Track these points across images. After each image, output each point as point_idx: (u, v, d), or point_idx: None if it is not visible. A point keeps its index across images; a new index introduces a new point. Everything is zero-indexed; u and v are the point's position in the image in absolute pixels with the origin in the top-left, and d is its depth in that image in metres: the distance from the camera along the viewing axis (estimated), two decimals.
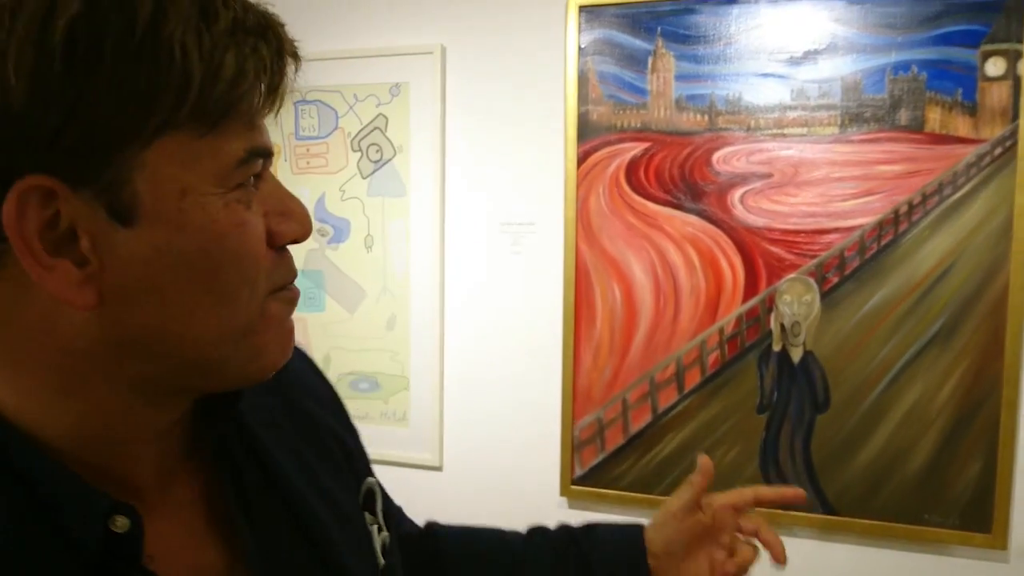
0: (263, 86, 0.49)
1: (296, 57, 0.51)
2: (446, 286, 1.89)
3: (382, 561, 0.69)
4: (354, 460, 0.74)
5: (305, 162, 1.98)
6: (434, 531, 0.92)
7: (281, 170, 1.99)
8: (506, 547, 0.93)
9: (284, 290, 0.55)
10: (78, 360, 0.49)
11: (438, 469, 1.90)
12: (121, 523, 0.49)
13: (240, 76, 0.47)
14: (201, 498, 0.59)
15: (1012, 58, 1.46)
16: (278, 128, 1.98)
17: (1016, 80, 1.46)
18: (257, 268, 0.51)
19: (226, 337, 0.51)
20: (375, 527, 0.71)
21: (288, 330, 0.56)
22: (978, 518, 1.53)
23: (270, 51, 0.49)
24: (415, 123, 1.88)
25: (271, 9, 0.51)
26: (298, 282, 0.58)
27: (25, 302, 0.48)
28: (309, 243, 1.98)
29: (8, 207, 0.44)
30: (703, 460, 0.94)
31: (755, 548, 0.90)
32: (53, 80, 0.42)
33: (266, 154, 0.52)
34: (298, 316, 2.06)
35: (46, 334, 0.48)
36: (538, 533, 0.94)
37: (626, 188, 1.69)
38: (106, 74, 0.43)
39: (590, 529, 0.93)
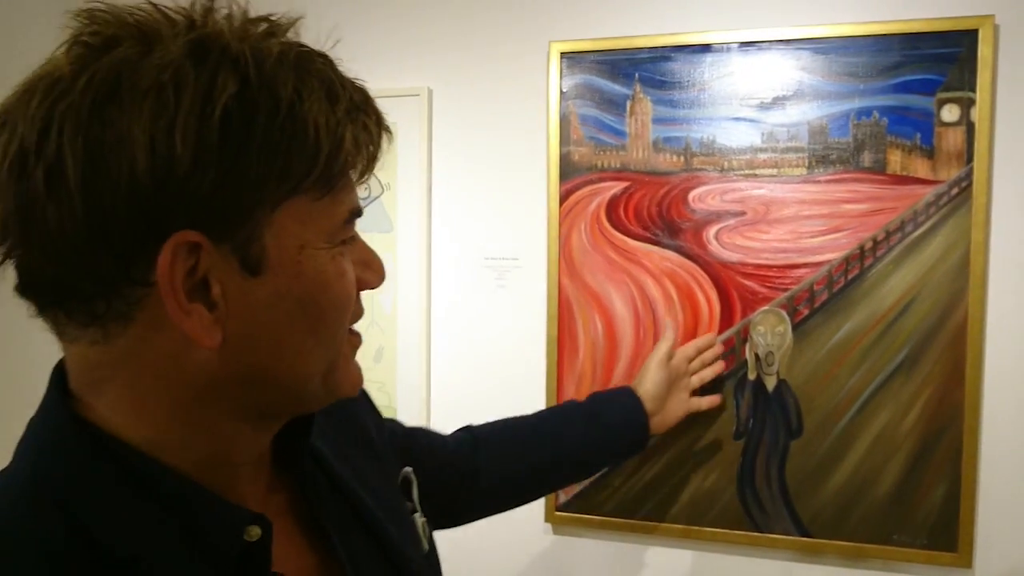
0: (367, 157, 0.58)
1: (389, 132, 0.61)
2: (432, 319, 1.95)
3: (425, 546, 0.77)
4: (390, 452, 0.82)
5: None
6: (475, 432, 1.17)
7: None
8: (541, 423, 1.25)
9: (352, 334, 0.64)
10: (199, 393, 0.56)
11: None
12: (254, 532, 0.56)
13: (355, 149, 0.56)
14: (289, 508, 0.67)
15: (965, 105, 1.56)
16: None
17: (970, 126, 1.56)
18: (349, 311, 0.61)
19: (317, 372, 0.60)
20: (415, 513, 0.79)
21: (355, 369, 0.65)
22: (944, 538, 1.60)
23: (374, 126, 0.58)
24: (402, 162, 1.94)
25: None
26: None
27: (156, 343, 0.54)
28: None
29: (164, 257, 0.51)
30: (670, 325, 1.45)
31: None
32: (211, 149, 0.49)
33: (360, 214, 0.61)
34: None
35: (173, 371, 0.55)
36: (557, 410, 1.34)
37: (607, 225, 1.77)
38: (254, 146, 0.51)
39: (595, 399, 1.35)
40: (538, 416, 1.22)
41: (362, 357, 2.18)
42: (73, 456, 0.54)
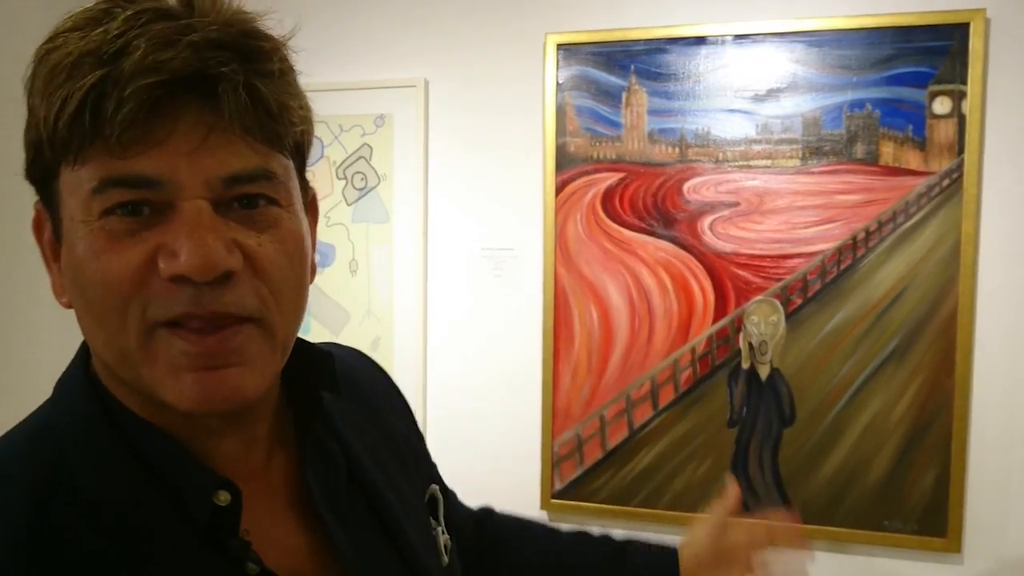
0: (101, 113, 0.49)
1: (165, 71, 0.49)
2: (429, 308, 1.96)
3: (445, 559, 0.76)
4: (421, 465, 0.81)
5: None
6: (492, 517, 1.02)
7: None
8: (557, 539, 1.01)
9: (177, 326, 0.52)
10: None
11: None
12: (223, 498, 0.56)
13: (74, 111, 0.49)
14: (293, 487, 0.65)
15: (957, 98, 1.58)
16: None
17: (961, 118, 1.58)
18: (120, 297, 0.51)
19: (118, 361, 0.54)
20: (439, 529, 0.77)
21: (186, 373, 0.53)
22: (934, 524, 1.63)
23: (119, 73, 0.49)
24: (399, 153, 1.95)
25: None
26: None
27: None
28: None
29: (34, 216, 0.59)
30: (731, 484, 1.04)
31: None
32: (27, 130, 0.54)
33: (132, 183, 0.50)
34: None
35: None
36: (585, 535, 1.03)
37: (602, 215, 1.79)
38: (30, 121, 0.54)
39: (630, 541, 1.00)
40: (559, 536, 1.02)
41: (359, 347, 2.17)
42: (76, 408, 0.58)
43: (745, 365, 1.72)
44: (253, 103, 0.52)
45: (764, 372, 1.71)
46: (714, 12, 1.72)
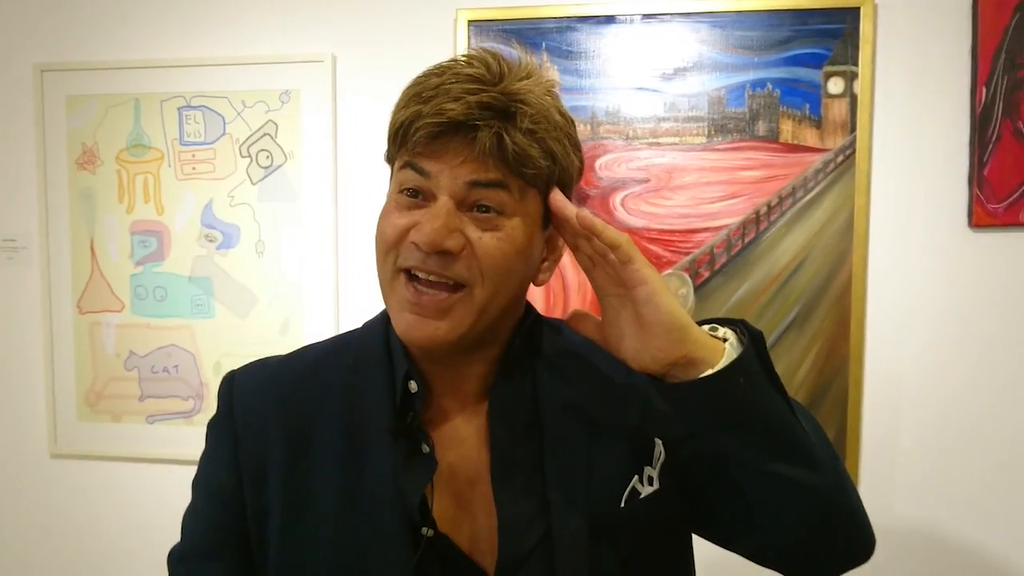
0: (413, 136, 0.75)
1: (457, 121, 0.74)
2: (340, 289, 1.93)
3: (622, 504, 0.84)
4: (651, 418, 0.86)
5: (191, 168, 1.96)
6: None
7: (165, 175, 1.96)
8: None
9: (412, 278, 0.78)
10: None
11: None
12: (413, 386, 0.84)
13: (400, 129, 0.77)
14: (485, 420, 0.85)
15: (849, 78, 1.68)
16: (161, 133, 1.95)
17: (853, 98, 1.68)
18: (386, 245, 0.79)
19: (381, 288, 0.83)
20: (647, 479, 0.85)
21: (405, 319, 0.79)
22: None
23: (428, 110, 0.74)
24: (306, 130, 1.91)
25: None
26: (184, 289, 0.67)
27: None
28: (197, 249, 1.97)
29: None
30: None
31: None
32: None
33: (418, 170, 0.77)
34: (184, 323, 2.03)
35: None
36: None
37: None
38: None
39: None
40: None
41: (267, 329, 2.12)
42: (370, 325, 0.92)
43: None
44: (499, 145, 0.74)
45: None
46: None
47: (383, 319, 0.89)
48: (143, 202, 1.98)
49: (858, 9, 1.65)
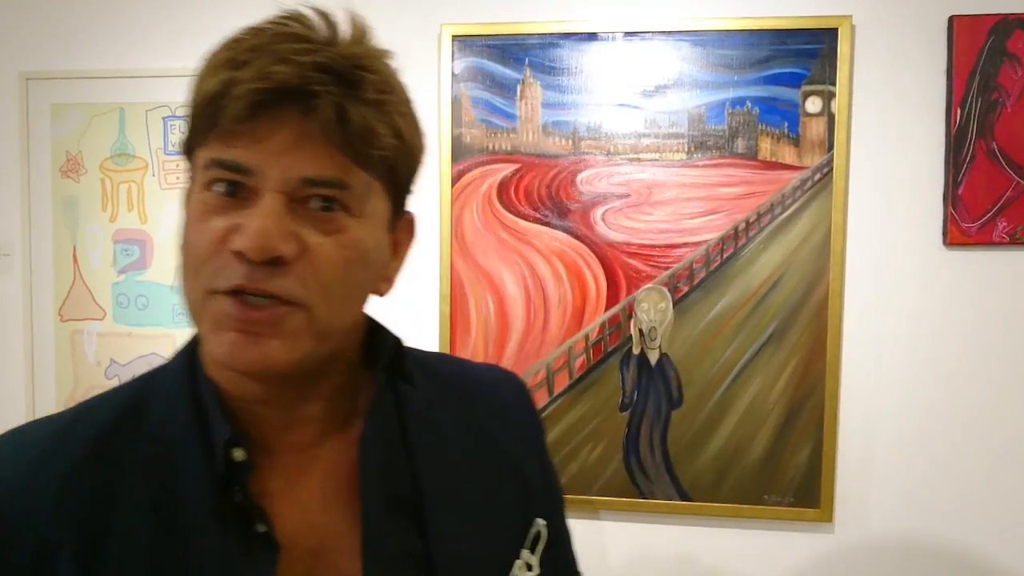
0: (225, 105, 0.58)
1: (278, 83, 0.59)
2: None
3: None
4: (532, 497, 0.77)
5: (175, 177, 1.96)
6: None
7: (149, 185, 1.97)
8: None
9: (232, 295, 0.60)
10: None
11: None
12: (238, 454, 0.63)
13: (212, 97, 0.59)
14: (344, 471, 0.69)
15: (827, 98, 1.70)
16: (146, 143, 1.96)
17: (830, 117, 1.70)
18: (198, 259, 0.61)
19: (190, 310, 0.64)
20: (525, 565, 0.74)
21: (221, 340, 0.60)
22: (808, 496, 1.75)
23: (246, 76, 0.59)
24: None
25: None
26: (166, 298, 0.61)
27: None
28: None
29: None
30: None
31: None
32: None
33: (230, 167, 0.60)
34: (166, 332, 2.03)
35: None
36: None
37: (498, 206, 1.81)
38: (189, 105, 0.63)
39: None
40: None
41: None
42: (174, 364, 0.70)
43: (636, 351, 1.78)
44: (340, 121, 0.59)
45: (654, 357, 1.78)
46: (605, 9, 1.78)
47: (185, 364, 0.68)
48: (127, 211, 1.99)
49: (836, 30, 1.68)
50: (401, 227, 0.74)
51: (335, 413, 0.70)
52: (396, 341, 0.73)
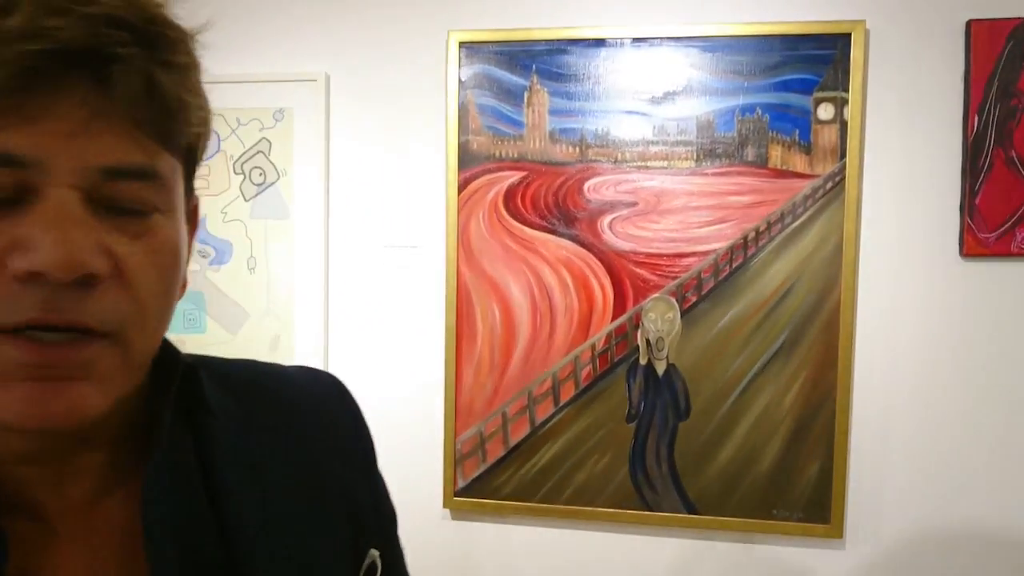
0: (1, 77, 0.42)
1: (46, 37, 0.42)
2: (330, 306, 1.93)
3: None
4: (364, 527, 0.67)
5: None
6: None
7: None
8: None
9: (18, 333, 0.44)
10: None
11: None
12: None
13: None
14: (128, 530, 0.54)
15: (839, 104, 1.66)
16: None
17: (843, 124, 1.66)
18: None
19: None
20: None
21: (18, 383, 0.45)
22: (818, 511, 1.71)
23: None
24: (299, 148, 1.92)
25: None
26: (179, 304, 0.52)
27: None
28: (190, 264, 1.98)
29: None
30: None
31: None
32: None
33: (7, 178, 0.43)
34: (176, 338, 2.03)
35: None
36: None
37: (504, 214, 1.80)
38: None
39: None
40: None
41: (258, 345, 2.11)
42: None
43: (643, 361, 1.76)
44: (149, 93, 0.45)
45: (661, 368, 1.75)
46: (613, 15, 1.75)
47: None
48: None
49: (849, 35, 1.64)
50: (191, 214, 0.57)
51: (120, 458, 0.55)
52: (182, 363, 0.58)
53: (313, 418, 0.67)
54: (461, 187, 1.81)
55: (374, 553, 0.66)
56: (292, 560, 0.59)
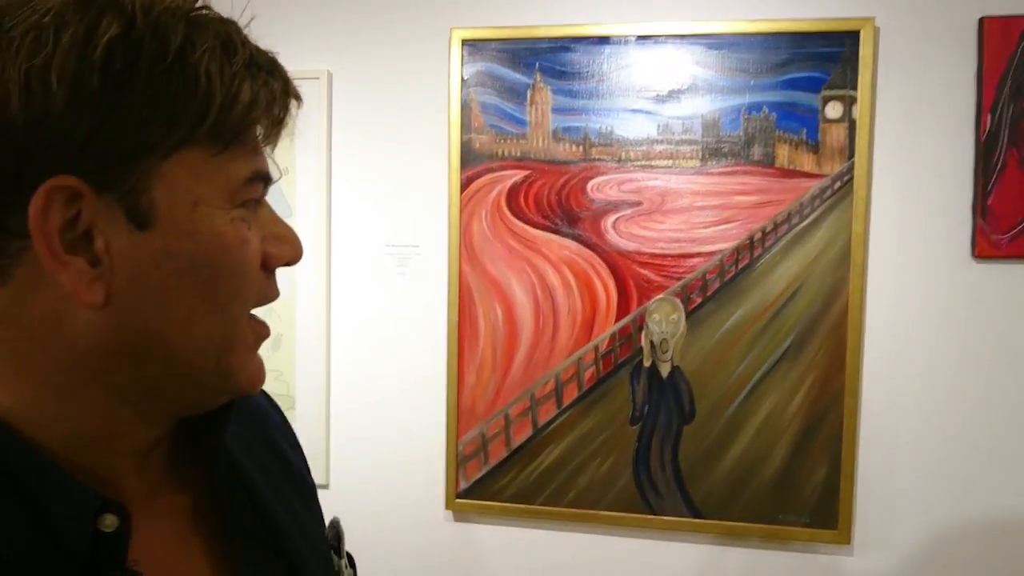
0: (270, 117, 0.54)
1: (298, 98, 0.57)
2: (332, 306, 1.92)
3: None
4: (313, 492, 0.76)
5: None
6: None
7: None
8: None
9: (257, 321, 0.58)
10: (77, 362, 0.51)
11: (324, 487, 1.92)
12: (110, 522, 0.51)
13: (253, 104, 0.52)
14: (188, 513, 0.60)
15: (848, 103, 1.63)
16: None
17: (851, 123, 1.63)
18: (249, 284, 0.55)
19: (210, 349, 0.54)
20: (342, 563, 0.73)
21: (256, 362, 0.58)
22: (826, 517, 1.68)
23: (279, 87, 0.55)
24: (300, 146, 1.90)
25: None
26: None
27: (33, 301, 0.50)
28: None
29: (35, 203, 0.47)
30: None
31: None
32: (90, 90, 0.46)
33: (267, 179, 0.56)
34: None
35: (50, 333, 0.50)
36: None
37: (507, 213, 1.78)
38: (137, 89, 0.48)
39: None
40: None
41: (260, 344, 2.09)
42: None
43: (647, 363, 1.74)
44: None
45: (665, 370, 1.73)
46: (618, 12, 1.73)
47: None
48: None
49: (858, 33, 1.61)
50: None
51: (174, 447, 0.62)
52: None
53: (265, 413, 0.76)
54: (463, 186, 1.79)
55: (337, 518, 0.76)
56: (300, 525, 0.68)
